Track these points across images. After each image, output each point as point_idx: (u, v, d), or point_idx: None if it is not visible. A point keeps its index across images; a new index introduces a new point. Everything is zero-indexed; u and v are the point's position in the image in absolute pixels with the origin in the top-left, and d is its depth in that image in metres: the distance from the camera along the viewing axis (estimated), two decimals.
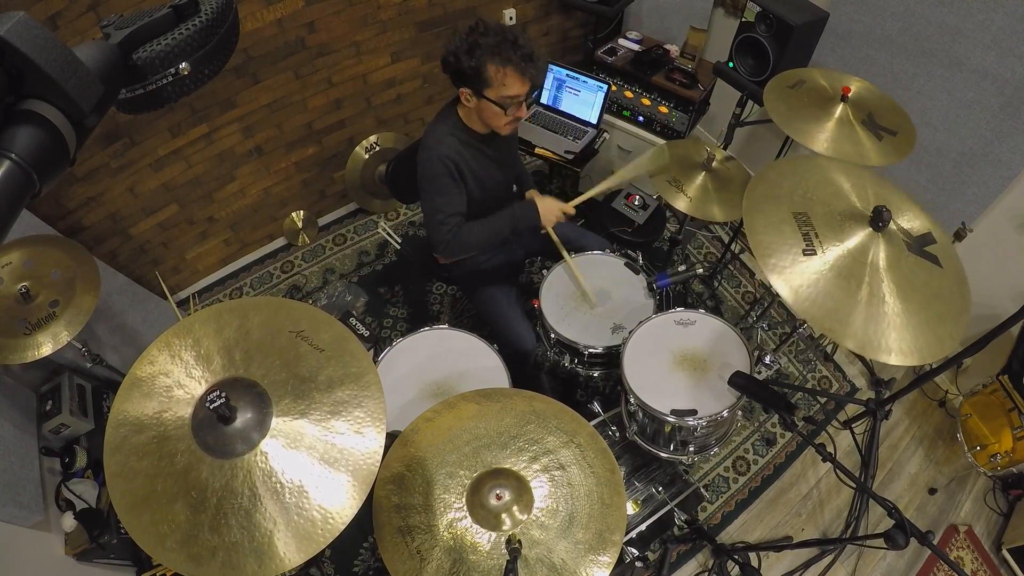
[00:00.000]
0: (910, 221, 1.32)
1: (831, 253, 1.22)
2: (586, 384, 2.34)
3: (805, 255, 1.21)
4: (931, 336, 1.16)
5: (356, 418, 0.96)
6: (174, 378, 0.98)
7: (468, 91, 1.57)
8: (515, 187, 2.06)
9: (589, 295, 1.82)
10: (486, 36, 1.49)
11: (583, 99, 2.57)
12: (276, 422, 0.94)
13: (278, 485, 0.90)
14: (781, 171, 1.38)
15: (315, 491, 0.90)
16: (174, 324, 1.05)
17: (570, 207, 1.81)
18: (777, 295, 1.26)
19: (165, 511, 0.89)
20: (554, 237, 1.89)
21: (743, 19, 2.10)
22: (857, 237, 1.24)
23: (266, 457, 0.92)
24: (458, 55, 1.51)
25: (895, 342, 1.15)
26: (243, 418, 0.93)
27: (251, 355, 1.00)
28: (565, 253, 1.87)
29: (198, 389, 0.97)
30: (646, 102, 2.66)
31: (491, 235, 1.74)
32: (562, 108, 2.64)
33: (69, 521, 1.72)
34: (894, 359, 1.14)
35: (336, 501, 0.90)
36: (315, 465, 0.92)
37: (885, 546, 1.27)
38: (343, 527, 0.88)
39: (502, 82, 1.52)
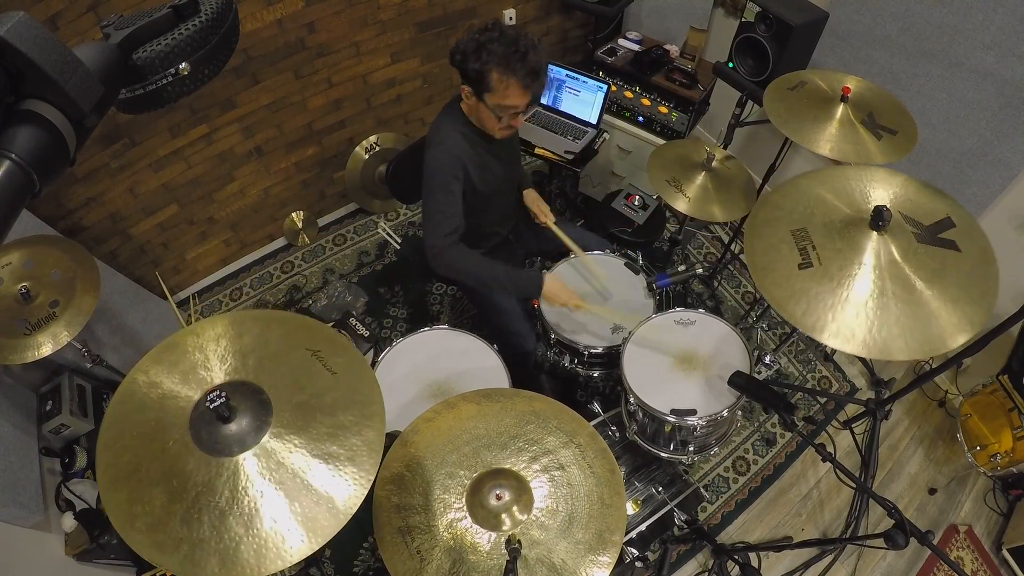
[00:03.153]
0: (923, 209, 1.26)
1: (838, 269, 1.17)
2: (586, 384, 2.35)
3: (801, 269, 1.18)
4: (949, 320, 1.12)
5: (352, 445, 0.95)
6: (186, 366, 0.99)
7: (468, 90, 1.56)
8: None
9: (604, 288, 1.82)
10: (497, 42, 1.46)
11: (583, 99, 2.57)
12: (272, 433, 0.93)
13: (258, 494, 0.88)
14: (784, 194, 1.35)
15: (293, 509, 0.89)
16: (200, 321, 1.07)
17: (579, 301, 1.66)
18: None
19: (143, 492, 0.88)
20: (561, 235, 1.89)
21: (743, 19, 2.10)
22: (866, 244, 1.18)
23: (253, 464, 0.91)
24: (465, 54, 1.49)
25: (937, 327, 1.10)
26: (240, 422, 0.92)
27: (264, 363, 1.01)
28: (576, 249, 1.87)
29: (205, 383, 0.97)
30: (646, 102, 2.66)
31: (482, 272, 1.65)
32: (562, 108, 2.64)
33: (69, 521, 1.72)
34: (952, 343, 1.08)
35: (313, 523, 0.88)
36: (300, 484, 0.90)
37: (885, 546, 1.27)
38: (316, 548, 0.87)
39: (503, 92, 1.51)
